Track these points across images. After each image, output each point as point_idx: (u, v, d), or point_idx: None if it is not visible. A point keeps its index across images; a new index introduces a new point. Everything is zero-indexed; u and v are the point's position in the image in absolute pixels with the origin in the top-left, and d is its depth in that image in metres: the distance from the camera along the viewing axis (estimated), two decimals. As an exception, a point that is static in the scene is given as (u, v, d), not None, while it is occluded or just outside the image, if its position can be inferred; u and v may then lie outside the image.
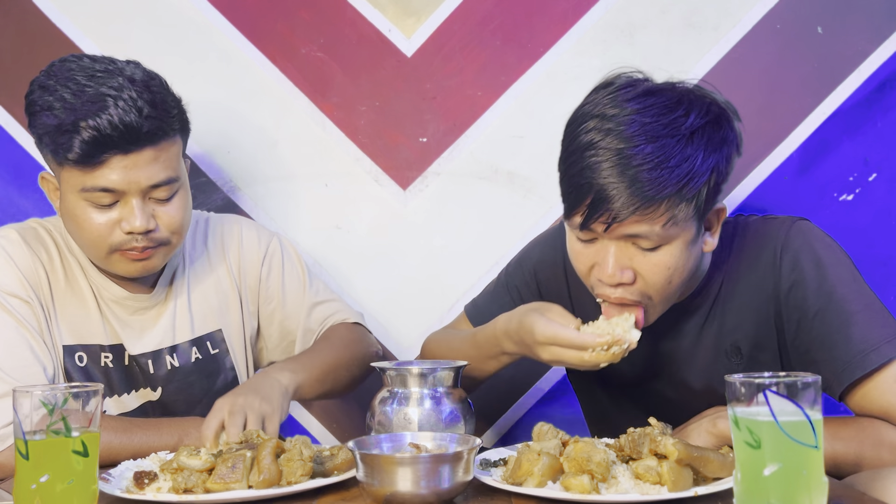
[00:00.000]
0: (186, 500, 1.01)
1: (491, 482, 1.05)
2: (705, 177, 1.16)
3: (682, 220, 1.16)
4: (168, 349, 1.49)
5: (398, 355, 1.88)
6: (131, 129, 1.27)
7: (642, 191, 1.12)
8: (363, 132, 1.89)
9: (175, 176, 1.36)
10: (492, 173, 1.88)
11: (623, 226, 1.15)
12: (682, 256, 1.18)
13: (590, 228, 1.18)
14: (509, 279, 1.55)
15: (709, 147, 1.17)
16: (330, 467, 1.11)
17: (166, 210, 1.37)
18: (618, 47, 1.86)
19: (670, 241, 1.17)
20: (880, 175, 1.80)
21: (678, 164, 1.13)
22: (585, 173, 1.16)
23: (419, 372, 1.23)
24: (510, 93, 1.87)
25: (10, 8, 1.89)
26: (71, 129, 1.27)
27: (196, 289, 1.54)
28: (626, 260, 1.18)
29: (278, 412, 1.29)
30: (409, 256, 1.89)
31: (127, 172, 1.30)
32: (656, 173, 1.12)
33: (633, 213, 1.13)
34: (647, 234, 1.16)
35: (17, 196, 1.88)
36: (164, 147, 1.33)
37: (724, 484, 1.00)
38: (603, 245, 1.19)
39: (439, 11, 1.88)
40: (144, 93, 1.30)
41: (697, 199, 1.16)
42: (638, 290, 1.20)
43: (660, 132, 1.14)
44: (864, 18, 1.81)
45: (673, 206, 1.15)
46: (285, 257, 1.62)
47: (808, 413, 0.85)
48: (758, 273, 1.29)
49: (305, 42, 1.89)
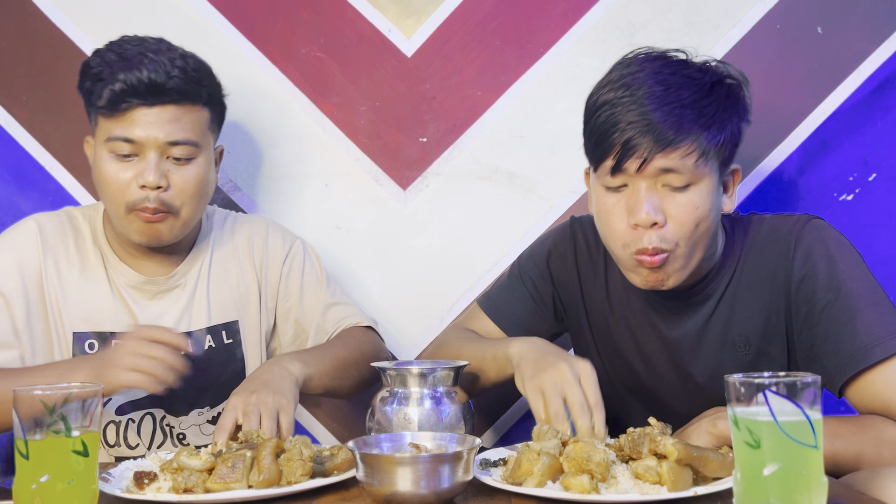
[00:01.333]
0: (186, 500, 1.01)
1: (491, 482, 1.05)
2: (726, 124, 1.22)
3: (709, 161, 1.21)
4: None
5: (398, 355, 1.88)
6: (156, 84, 1.38)
7: (672, 126, 1.18)
8: (363, 132, 1.89)
9: (194, 140, 1.43)
10: (492, 173, 1.88)
11: (656, 160, 1.19)
12: (708, 199, 1.22)
13: (622, 169, 1.21)
14: (522, 271, 1.55)
15: (727, 101, 1.24)
16: (330, 467, 1.11)
17: (181, 174, 1.43)
18: (618, 47, 1.86)
19: (698, 182, 1.21)
20: (880, 175, 1.80)
21: (703, 106, 1.20)
22: (613, 119, 1.21)
23: (419, 372, 1.23)
24: (510, 93, 1.87)
25: (10, 8, 1.89)
26: (106, 79, 1.38)
27: (217, 279, 1.58)
28: (657, 201, 1.21)
29: (292, 404, 1.30)
30: (408, 256, 1.89)
31: (148, 125, 1.39)
32: (680, 111, 1.19)
33: (665, 148, 1.18)
34: (679, 168, 1.20)
35: (17, 196, 1.88)
36: (187, 109, 1.42)
37: (724, 484, 1.00)
38: (634, 188, 1.23)
39: (439, 11, 1.89)
40: (179, 59, 1.41)
41: (721, 144, 1.22)
42: (666, 236, 1.22)
43: (681, 82, 1.21)
44: (864, 18, 1.81)
45: (702, 144, 1.20)
46: (306, 259, 1.66)
47: (808, 413, 0.85)
48: (770, 267, 1.31)
49: (305, 42, 1.89)
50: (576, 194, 1.86)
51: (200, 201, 1.48)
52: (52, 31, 1.89)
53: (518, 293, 1.54)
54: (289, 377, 1.35)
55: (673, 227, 1.22)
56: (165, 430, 1.54)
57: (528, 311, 1.54)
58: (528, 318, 1.54)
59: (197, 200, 1.46)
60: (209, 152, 1.49)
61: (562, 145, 1.87)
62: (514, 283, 1.55)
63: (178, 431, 1.55)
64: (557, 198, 1.87)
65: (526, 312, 1.54)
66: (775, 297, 1.31)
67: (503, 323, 1.54)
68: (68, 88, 1.89)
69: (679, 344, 1.38)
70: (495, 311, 1.54)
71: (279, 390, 1.30)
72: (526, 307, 1.54)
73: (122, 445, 1.51)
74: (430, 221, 1.89)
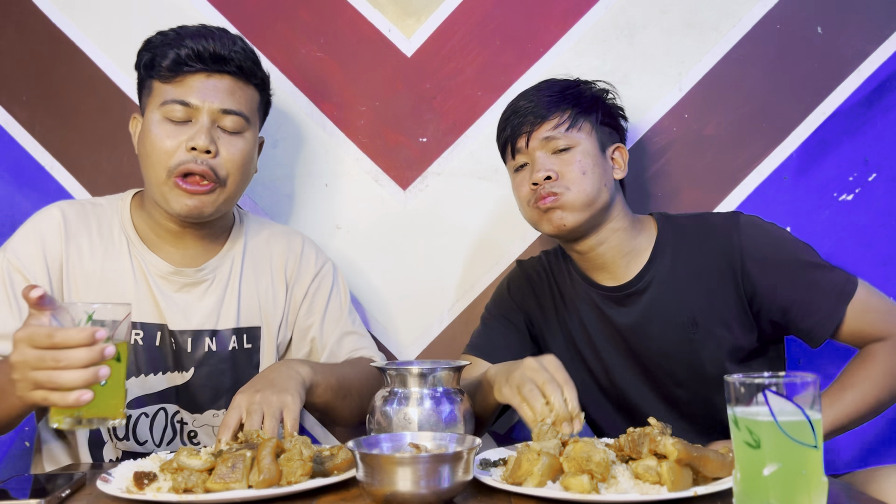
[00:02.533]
0: (186, 499, 1.01)
1: (491, 482, 1.05)
2: (585, 105, 1.55)
3: (580, 129, 1.53)
4: (209, 332, 1.54)
5: (398, 355, 1.88)
6: (219, 54, 1.44)
7: (543, 105, 1.54)
8: (363, 132, 1.89)
9: (246, 114, 1.48)
10: (492, 173, 1.88)
11: (537, 132, 1.52)
12: (587, 157, 1.52)
13: (517, 149, 1.55)
14: (492, 313, 1.70)
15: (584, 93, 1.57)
16: (330, 467, 1.11)
17: (229, 146, 1.46)
18: (618, 47, 1.86)
19: (577, 145, 1.52)
20: (880, 175, 1.80)
21: (564, 96, 1.55)
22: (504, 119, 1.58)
23: (419, 372, 1.23)
24: (510, 93, 1.87)
25: (10, 8, 1.90)
26: (173, 44, 1.45)
27: (248, 282, 1.59)
28: (548, 164, 1.51)
29: (297, 403, 1.29)
30: (408, 256, 1.89)
31: (205, 91, 1.44)
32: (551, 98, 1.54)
33: (542, 121, 1.52)
34: (555, 135, 1.52)
35: (17, 196, 1.88)
36: (242, 85, 1.48)
37: (724, 484, 1.01)
38: (532, 161, 1.54)
39: (439, 11, 1.89)
40: (240, 41, 1.49)
41: (590, 118, 1.54)
42: (559, 183, 1.50)
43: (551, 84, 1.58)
44: (864, 18, 1.81)
45: (571, 116, 1.53)
46: (335, 282, 1.68)
47: (808, 413, 0.85)
48: (710, 256, 1.50)
49: (305, 42, 1.89)
50: (576, 194, 1.86)
51: (243, 178, 1.50)
52: (52, 31, 1.89)
53: (496, 331, 1.66)
54: (296, 377, 1.35)
55: (563, 178, 1.50)
56: (176, 426, 1.53)
57: (510, 342, 1.65)
58: (513, 348, 1.64)
59: (241, 175, 1.49)
60: (255, 133, 1.53)
61: (562, 145, 1.87)
62: (490, 324, 1.68)
63: (191, 429, 1.55)
64: (557, 198, 1.86)
65: (508, 344, 1.64)
66: (720, 281, 1.48)
67: (493, 358, 1.60)
68: (68, 88, 1.90)
69: (630, 329, 1.55)
70: (483, 351, 1.64)
71: (284, 389, 1.29)
72: (507, 339, 1.65)
73: (132, 440, 1.50)
74: (430, 221, 1.89)
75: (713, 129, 1.84)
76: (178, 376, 1.53)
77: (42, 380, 1.04)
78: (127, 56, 1.89)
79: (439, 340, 1.87)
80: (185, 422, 1.55)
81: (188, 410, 1.54)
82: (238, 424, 1.23)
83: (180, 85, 1.44)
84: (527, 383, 1.23)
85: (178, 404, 1.53)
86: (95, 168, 1.89)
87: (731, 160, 1.83)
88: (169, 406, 1.53)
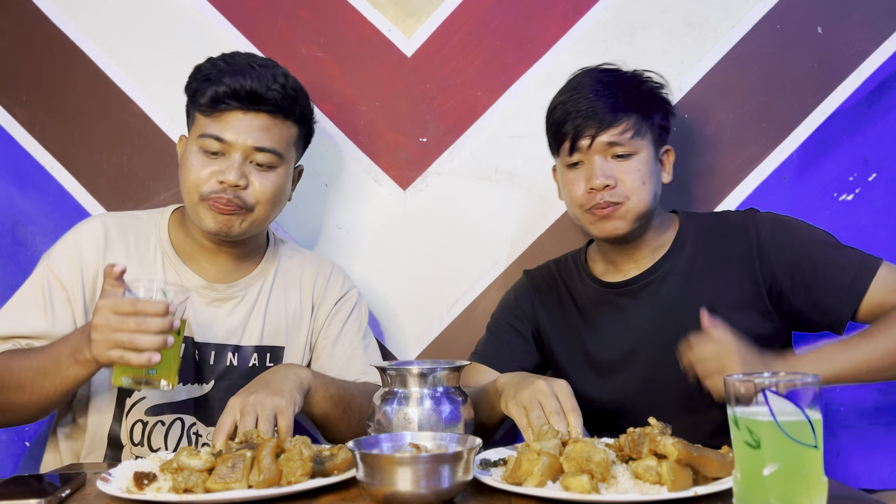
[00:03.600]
0: (186, 499, 1.01)
1: (491, 482, 1.05)
2: (651, 110, 1.53)
3: (644, 136, 1.51)
4: (232, 347, 1.57)
5: (398, 355, 1.88)
6: (256, 93, 1.48)
7: (610, 108, 1.50)
8: (363, 132, 1.89)
9: (280, 151, 1.51)
10: (492, 173, 1.88)
11: (602, 136, 1.49)
12: (648, 165, 1.51)
13: (577, 148, 1.51)
14: (499, 322, 1.70)
15: (650, 94, 1.56)
16: (330, 467, 1.11)
17: (261, 179, 1.50)
18: (618, 47, 1.86)
19: (638, 152, 1.51)
20: (880, 175, 1.80)
21: (632, 97, 1.52)
22: (566, 112, 1.53)
23: (419, 372, 1.23)
24: (510, 93, 1.87)
25: (10, 8, 1.89)
26: (213, 80, 1.49)
27: (276, 303, 1.62)
28: (608, 170, 1.50)
29: (291, 405, 1.29)
30: (408, 256, 1.89)
31: (240, 129, 1.48)
32: (614, 99, 1.51)
33: (606, 126, 1.49)
34: (621, 142, 1.49)
35: (17, 196, 1.88)
36: (278, 121, 1.51)
37: (724, 484, 1.01)
38: (589, 163, 1.51)
39: (439, 11, 1.89)
40: (281, 77, 1.52)
41: (651, 123, 1.53)
42: (619, 192, 1.50)
43: (614, 79, 1.55)
44: (864, 18, 1.81)
45: (636, 123, 1.50)
46: (356, 307, 1.70)
47: (808, 413, 0.85)
48: (728, 250, 1.53)
49: (305, 42, 1.89)
50: (576, 194, 1.86)
51: (273, 208, 1.54)
52: (52, 31, 1.89)
53: (502, 338, 1.68)
54: (293, 379, 1.35)
55: (624, 185, 1.50)
56: (192, 437, 1.55)
57: (516, 350, 1.66)
58: (518, 357, 1.65)
59: (271, 205, 1.52)
60: (290, 166, 1.56)
61: (562, 145, 1.87)
62: (496, 332, 1.69)
63: (205, 441, 1.55)
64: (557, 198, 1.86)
65: (515, 352, 1.66)
66: (738, 270, 1.51)
67: (499, 366, 1.62)
68: (68, 88, 1.90)
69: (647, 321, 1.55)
70: (489, 359, 1.65)
71: (278, 391, 1.29)
72: (513, 347, 1.66)
73: (145, 446, 1.52)
74: (430, 221, 1.89)
75: (713, 129, 1.84)
76: (196, 388, 1.55)
77: (123, 340, 1.22)
78: (127, 56, 1.89)
79: (439, 340, 1.87)
80: (200, 434, 1.56)
81: (204, 423, 1.56)
82: (233, 428, 1.23)
83: (217, 120, 1.48)
84: (535, 408, 1.23)
85: (195, 416, 1.55)
86: (95, 168, 1.89)
87: (731, 160, 1.83)
88: (186, 417, 1.54)
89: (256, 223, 1.53)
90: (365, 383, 1.59)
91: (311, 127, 1.63)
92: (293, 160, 1.58)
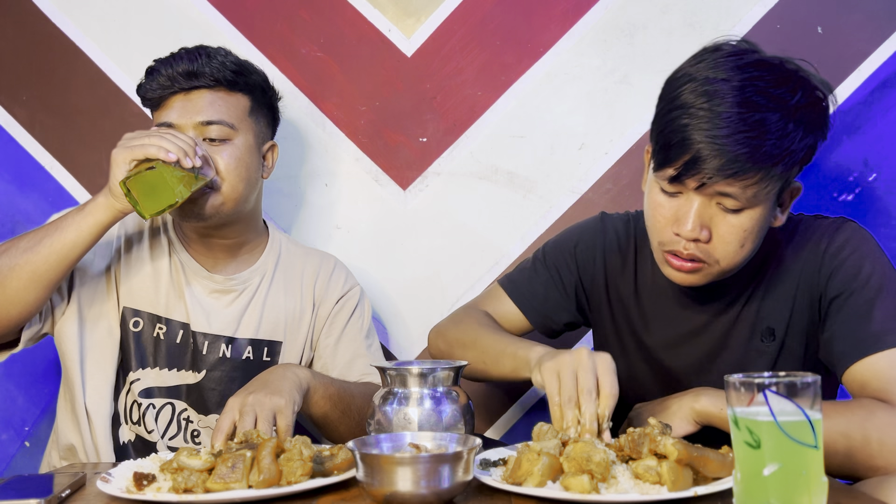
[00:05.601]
0: (186, 499, 1.01)
1: (491, 482, 1.05)
2: (800, 154, 1.20)
3: (770, 192, 1.21)
4: (227, 339, 1.58)
5: (398, 355, 1.88)
6: (190, 71, 1.49)
7: (741, 159, 1.15)
8: (363, 132, 1.90)
9: (229, 122, 1.51)
10: (492, 173, 1.88)
11: (715, 185, 1.18)
12: (758, 223, 1.23)
13: (681, 182, 1.21)
14: (548, 258, 1.55)
15: (808, 127, 1.20)
16: (330, 467, 1.11)
17: (218, 153, 1.50)
18: (618, 47, 1.86)
19: (753, 207, 1.21)
20: (880, 175, 1.80)
21: (779, 138, 1.16)
22: (687, 131, 1.18)
23: (419, 372, 1.23)
24: (510, 93, 1.87)
25: (10, 8, 1.90)
26: (152, 74, 1.51)
27: (275, 297, 1.62)
28: (707, 218, 1.22)
29: (290, 405, 1.28)
30: (408, 256, 1.89)
31: (184, 110, 1.50)
32: (758, 143, 1.15)
33: (728, 177, 1.16)
34: (736, 195, 1.19)
35: (17, 196, 1.88)
36: (223, 95, 1.52)
37: (724, 484, 1.00)
38: (687, 200, 1.23)
39: (439, 11, 1.89)
40: (219, 54, 1.53)
41: (788, 175, 1.21)
42: (708, 251, 1.23)
43: (766, 104, 1.16)
44: (864, 18, 1.81)
45: (766, 178, 1.18)
46: (359, 305, 1.69)
47: (808, 413, 0.85)
48: (801, 263, 1.34)
49: (305, 42, 1.89)
50: (576, 194, 1.86)
51: (242, 182, 1.52)
52: (52, 31, 1.89)
53: (542, 278, 1.53)
54: (292, 379, 1.35)
55: (718, 244, 1.24)
56: (182, 423, 1.55)
57: (550, 297, 1.53)
58: (550, 304, 1.53)
59: (237, 178, 1.51)
60: (249, 137, 1.55)
61: (562, 145, 1.87)
62: (539, 267, 1.55)
63: (195, 429, 1.56)
64: (557, 198, 1.87)
65: (548, 298, 1.53)
66: (802, 290, 1.33)
67: (524, 305, 1.53)
68: (68, 88, 1.89)
69: (710, 334, 1.39)
70: (517, 292, 1.54)
71: (277, 391, 1.29)
72: (549, 293, 1.53)
73: (142, 425, 1.53)
74: (430, 221, 1.89)
75: (713, 129, 1.84)
76: (190, 375, 1.56)
77: (153, 139, 1.37)
78: (127, 56, 1.89)
79: (439, 340, 1.87)
80: (192, 420, 1.56)
81: (195, 410, 1.56)
82: (232, 428, 1.23)
83: (164, 108, 1.51)
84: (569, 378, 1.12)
85: (186, 402, 1.56)
86: (95, 168, 1.89)
87: (731, 160, 1.83)
88: (178, 402, 1.55)
89: (229, 201, 1.52)
90: (366, 384, 1.59)
91: (271, 101, 1.62)
92: (252, 132, 1.56)
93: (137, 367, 1.53)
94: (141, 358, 1.54)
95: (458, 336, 1.50)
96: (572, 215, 1.83)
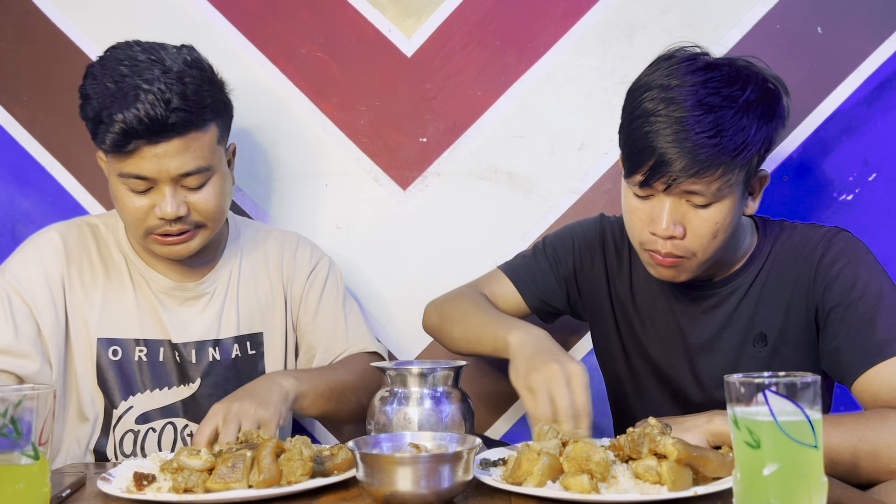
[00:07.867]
0: (186, 499, 1.01)
1: (491, 482, 1.05)
2: (757, 146, 1.26)
3: (734, 184, 1.27)
4: (212, 342, 1.54)
5: (398, 355, 1.88)
6: (156, 121, 1.33)
7: (701, 157, 1.23)
8: (363, 132, 1.89)
9: (206, 165, 1.40)
10: (492, 173, 1.88)
11: (681, 185, 1.26)
12: (729, 214, 1.29)
13: (650, 186, 1.28)
14: (547, 248, 1.61)
15: (762, 119, 1.26)
16: (330, 467, 1.11)
17: (198, 198, 1.42)
18: (618, 47, 1.86)
19: (720, 200, 1.28)
20: (880, 175, 1.80)
21: (734, 133, 1.23)
22: (649, 138, 1.25)
23: (419, 372, 1.23)
24: (510, 93, 1.87)
25: (10, 8, 1.89)
26: (104, 121, 1.34)
27: (246, 289, 1.59)
28: (679, 216, 1.29)
29: (275, 418, 1.27)
30: (408, 256, 1.89)
31: (157, 161, 1.36)
32: (715, 140, 1.22)
33: (692, 176, 1.24)
34: (702, 192, 1.26)
35: (17, 196, 1.88)
36: (194, 137, 1.38)
37: (724, 484, 1.01)
38: (659, 201, 1.30)
39: (439, 11, 1.89)
40: (176, 85, 1.34)
41: (749, 165, 1.27)
42: (685, 246, 1.30)
43: (719, 103, 1.24)
44: (864, 18, 1.81)
45: (728, 172, 1.25)
46: (330, 276, 1.67)
47: (808, 413, 0.85)
48: (796, 270, 1.37)
49: (305, 42, 1.89)
50: (576, 194, 1.86)
51: (222, 214, 1.48)
52: (52, 31, 1.89)
53: (542, 265, 1.59)
54: (278, 390, 1.33)
55: (691, 238, 1.30)
56: (187, 440, 1.53)
57: (547, 284, 1.59)
58: (547, 291, 1.59)
59: (218, 214, 1.46)
60: (222, 165, 1.47)
61: (562, 145, 1.87)
62: (539, 256, 1.60)
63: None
64: (557, 198, 1.87)
65: (546, 284, 1.59)
66: (796, 298, 1.37)
67: (523, 288, 1.58)
68: (68, 88, 1.89)
69: (700, 338, 1.44)
70: (516, 275, 1.59)
71: (263, 402, 1.28)
72: (547, 280, 1.59)
73: (139, 456, 1.49)
74: (430, 221, 1.89)
75: (713, 129, 1.84)
76: (184, 389, 1.53)
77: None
78: (127, 56, 1.89)
79: (439, 340, 1.87)
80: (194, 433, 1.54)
81: (196, 422, 1.54)
82: (213, 435, 1.23)
83: (131, 159, 1.36)
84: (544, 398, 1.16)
85: (185, 417, 1.53)
86: (95, 168, 1.88)
87: (731, 160, 1.83)
88: (177, 420, 1.53)
89: (213, 231, 1.48)
90: (352, 358, 1.58)
91: (229, 108, 1.49)
92: (223, 156, 1.47)
93: (126, 395, 1.49)
94: (128, 385, 1.49)
95: (450, 311, 1.55)
96: (572, 215, 1.83)
